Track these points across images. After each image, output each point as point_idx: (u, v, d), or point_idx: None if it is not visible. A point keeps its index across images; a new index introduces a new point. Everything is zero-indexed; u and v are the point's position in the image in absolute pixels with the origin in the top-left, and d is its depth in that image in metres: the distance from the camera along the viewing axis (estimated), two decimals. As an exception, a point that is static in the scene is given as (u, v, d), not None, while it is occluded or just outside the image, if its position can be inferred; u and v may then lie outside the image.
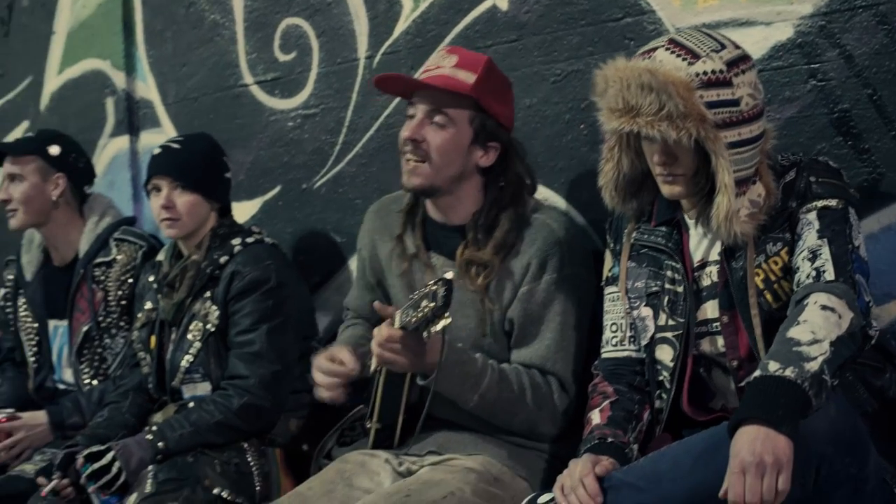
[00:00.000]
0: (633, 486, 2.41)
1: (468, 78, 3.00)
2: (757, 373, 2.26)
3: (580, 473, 2.47)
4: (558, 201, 3.40)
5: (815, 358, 2.24)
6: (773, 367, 2.24)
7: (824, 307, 2.34)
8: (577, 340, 3.02)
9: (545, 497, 2.53)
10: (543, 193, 3.35)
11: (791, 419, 2.18)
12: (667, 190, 2.63)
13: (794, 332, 2.30)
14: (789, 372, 2.22)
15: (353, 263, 3.96)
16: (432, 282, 2.67)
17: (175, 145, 3.69)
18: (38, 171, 3.98)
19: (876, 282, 2.79)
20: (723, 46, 2.54)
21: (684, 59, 2.50)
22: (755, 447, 2.16)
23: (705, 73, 2.48)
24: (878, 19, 2.86)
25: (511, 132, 3.11)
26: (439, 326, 2.65)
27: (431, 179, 3.03)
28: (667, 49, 2.53)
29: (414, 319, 2.69)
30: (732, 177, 2.48)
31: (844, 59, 2.91)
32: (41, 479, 3.41)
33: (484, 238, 3.04)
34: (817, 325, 2.30)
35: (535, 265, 3.01)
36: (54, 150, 3.99)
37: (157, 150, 3.67)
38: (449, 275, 2.66)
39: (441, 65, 3.05)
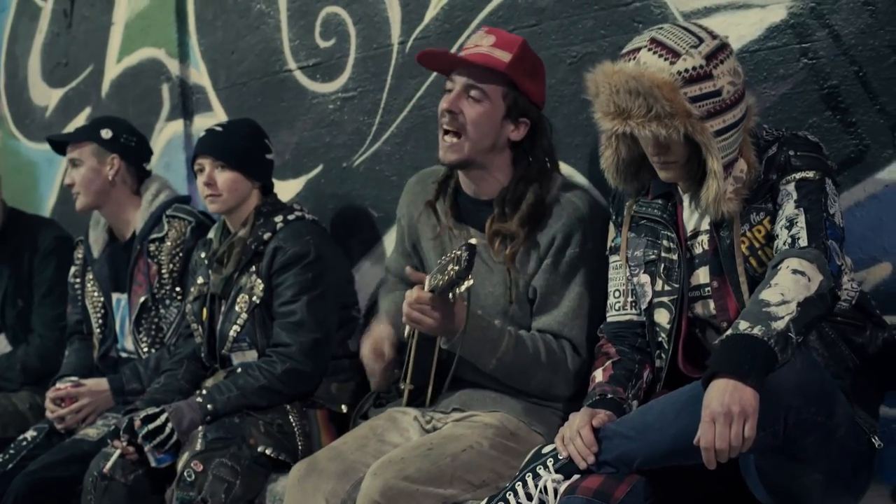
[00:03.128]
0: (624, 435, 2.63)
1: (504, 57, 3.21)
2: (729, 331, 2.47)
3: (578, 425, 2.70)
4: (575, 175, 3.60)
5: (782, 317, 2.44)
6: (743, 325, 2.44)
7: (795, 271, 2.52)
8: (594, 309, 3.21)
9: (549, 447, 2.76)
10: (562, 169, 3.54)
11: (757, 373, 2.38)
12: (663, 175, 2.83)
13: (766, 294, 2.50)
14: (757, 330, 2.42)
15: (388, 237, 4.19)
16: (458, 247, 2.91)
17: (218, 128, 3.96)
18: (95, 155, 4.27)
19: (862, 246, 3.03)
20: (700, 41, 2.70)
21: (666, 59, 2.66)
22: (724, 398, 2.36)
23: (686, 70, 2.65)
24: (864, 1, 3.03)
25: (542, 109, 3.31)
26: (463, 288, 2.89)
27: (466, 154, 3.24)
28: (649, 49, 2.69)
29: (441, 283, 2.94)
30: (721, 163, 2.67)
31: (833, 38, 3.09)
32: (116, 443, 3.66)
33: (511, 211, 3.25)
34: (787, 288, 2.49)
35: (560, 239, 3.22)
36: (106, 133, 4.27)
37: (202, 134, 3.94)
38: (473, 241, 2.91)
39: (479, 44, 3.26)
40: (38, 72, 5.84)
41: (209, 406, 3.65)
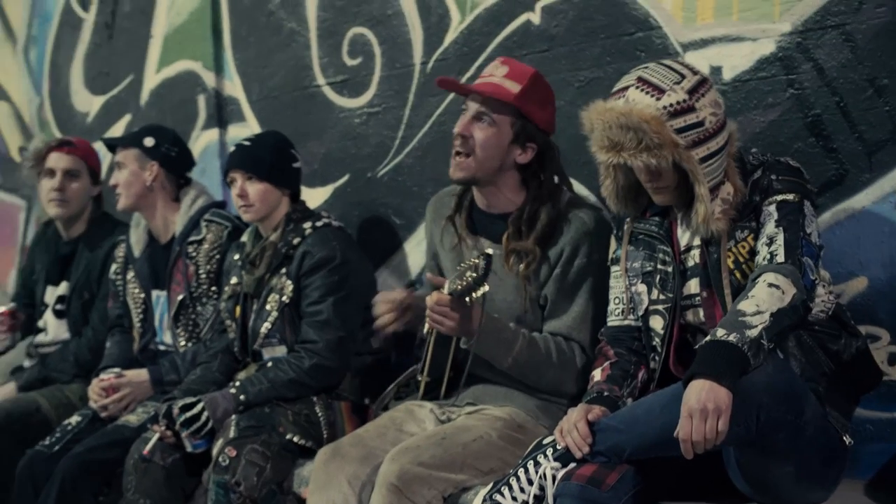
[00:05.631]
0: (616, 428, 2.93)
1: (514, 88, 3.49)
2: (708, 337, 2.77)
3: (575, 419, 2.99)
4: (582, 190, 3.87)
5: (755, 326, 2.73)
6: (721, 332, 2.74)
7: (771, 284, 2.81)
8: (599, 314, 3.46)
9: (549, 438, 3.05)
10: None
11: (731, 374, 2.67)
12: (657, 199, 3.12)
13: (743, 305, 2.79)
14: (732, 337, 2.71)
15: (409, 243, 4.50)
16: (475, 256, 3.20)
17: (246, 143, 4.22)
18: (136, 160, 4.54)
19: (841, 261, 3.30)
20: (682, 77, 2.98)
21: (652, 96, 2.95)
22: (700, 396, 2.66)
23: (671, 104, 2.94)
24: (845, 37, 3.33)
25: (550, 135, 3.58)
26: (479, 293, 3.19)
27: (473, 172, 3.53)
28: (637, 88, 2.98)
29: (459, 287, 3.22)
30: (707, 187, 2.96)
31: (817, 71, 3.38)
32: (156, 427, 3.93)
33: (527, 230, 3.53)
34: (762, 299, 2.78)
35: (569, 251, 3.50)
36: (149, 141, 4.54)
37: (232, 148, 4.20)
38: (489, 250, 3.18)
39: (493, 73, 3.54)
40: (81, 79, 6.10)
41: (242, 397, 3.93)
